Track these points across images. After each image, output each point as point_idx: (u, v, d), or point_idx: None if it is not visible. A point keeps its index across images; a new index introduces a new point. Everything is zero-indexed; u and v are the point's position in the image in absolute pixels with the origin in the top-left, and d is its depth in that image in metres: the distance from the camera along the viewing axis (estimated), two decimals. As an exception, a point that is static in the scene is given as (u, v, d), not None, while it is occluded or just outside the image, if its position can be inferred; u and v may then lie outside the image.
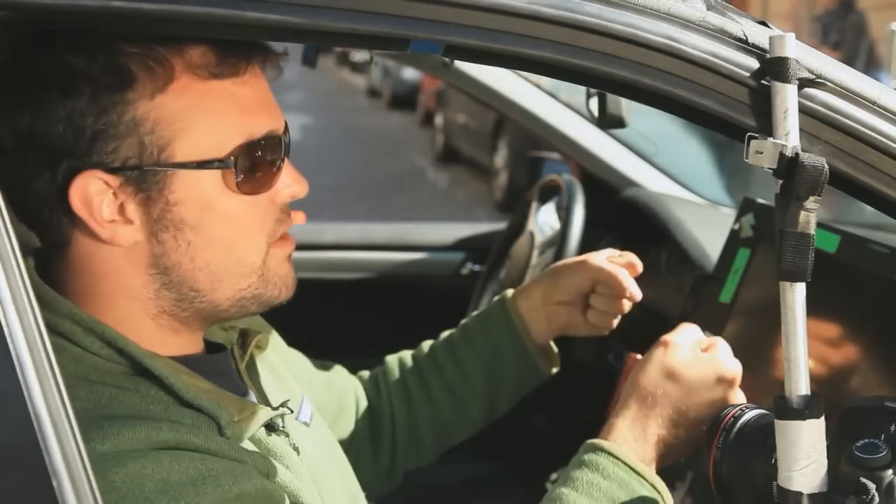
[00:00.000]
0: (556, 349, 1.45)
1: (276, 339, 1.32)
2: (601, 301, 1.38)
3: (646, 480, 1.05)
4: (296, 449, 1.07)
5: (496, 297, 1.45)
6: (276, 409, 1.07)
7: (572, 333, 1.42)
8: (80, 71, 0.91)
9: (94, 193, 0.93)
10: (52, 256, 1.01)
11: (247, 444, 1.00)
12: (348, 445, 1.40)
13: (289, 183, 1.03)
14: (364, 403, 1.45)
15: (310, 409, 1.21)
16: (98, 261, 0.98)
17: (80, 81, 0.91)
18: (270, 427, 1.04)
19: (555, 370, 1.45)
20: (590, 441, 1.09)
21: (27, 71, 0.93)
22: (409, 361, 1.47)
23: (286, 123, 1.05)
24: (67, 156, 0.92)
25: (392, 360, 1.49)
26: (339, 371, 1.47)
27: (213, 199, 0.97)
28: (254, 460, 0.97)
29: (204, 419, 0.96)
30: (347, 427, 1.42)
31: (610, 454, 1.06)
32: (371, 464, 1.43)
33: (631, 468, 1.05)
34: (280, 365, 1.25)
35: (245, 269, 1.01)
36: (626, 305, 1.38)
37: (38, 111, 0.92)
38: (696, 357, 1.13)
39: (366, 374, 1.50)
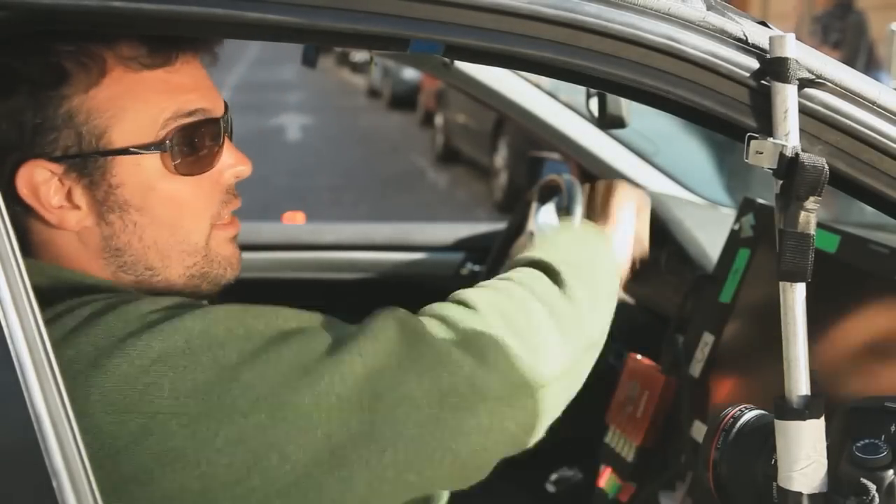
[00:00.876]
0: None
1: None
2: None
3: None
4: None
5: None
6: None
7: None
8: (18, 71, 0.97)
9: (39, 182, 0.99)
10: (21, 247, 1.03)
11: None
12: None
13: (231, 164, 1.07)
14: None
15: None
16: (55, 247, 1.03)
17: (19, 81, 0.97)
18: None
19: None
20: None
21: None
22: None
23: (226, 107, 1.09)
24: (13, 150, 0.99)
25: None
26: None
27: (154, 181, 1.02)
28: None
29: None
30: None
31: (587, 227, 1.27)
32: None
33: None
34: None
35: (189, 247, 1.05)
36: None
37: None
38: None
39: None
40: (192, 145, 1.03)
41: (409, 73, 14.13)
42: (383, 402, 0.93)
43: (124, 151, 1.00)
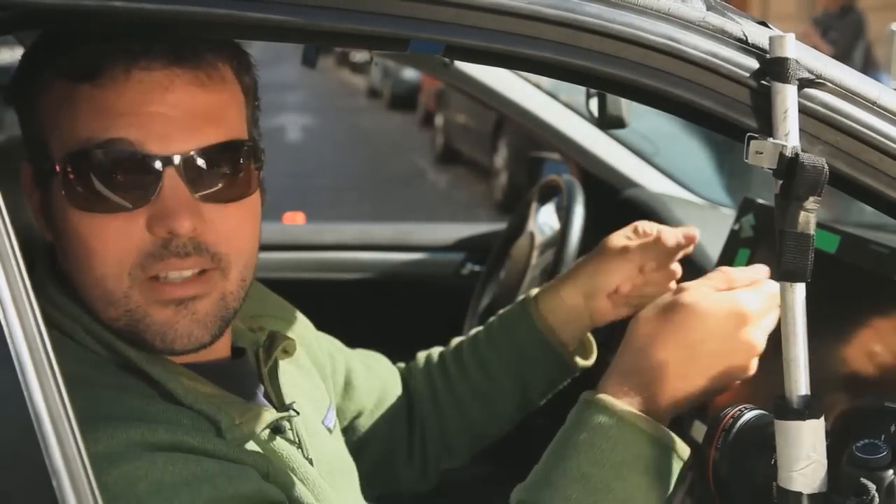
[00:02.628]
0: (592, 340, 1.44)
1: (307, 332, 1.31)
2: (657, 275, 1.37)
3: (645, 431, 0.96)
4: (305, 453, 1.06)
5: (521, 297, 1.45)
6: (283, 410, 1.06)
7: (620, 317, 1.39)
8: (28, 82, 0.98)
9: (29, 186, 1.00)
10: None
11: (250, 446, 0.99)
12: (385, 440, 1.40)
13: (159, 215, 0.91)
14: (403, 398, 1.44)
15: (334, 417, 1.21)
16: (62, 257, 1.00)
17: (26, 92, 0.98)
18: (277, 430, 1.03)
19: (590, 361, 1.43)
20: (585, 396, 1.00)
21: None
22: (436, 363, 1.46)
23: (208, 153, 0.93)
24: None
25: (421, 358, 1.48)
26: (380, 360, 1.46)
27: (63, 208, 0.94)
28: (254, 461, 0.96)
29: (203, 421, 0.95)
30: (386, 420, 1.41)
31: (606, 407, 0.97)
32: (406, 462, 1.43)
33: (637, 426, 0.96)
34: (311, 367, 1.24)
35: (106, 295, 0.94)
36: (677, 266, 1.38)
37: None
38: (705, 294, 1.01)
39: (402, 366, 1.49)
40: (90, 178, 0.90)
41: (409, 73, 14.12)
42: None
43: (39, 164, 0.96)
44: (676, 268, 1.39)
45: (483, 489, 2.09)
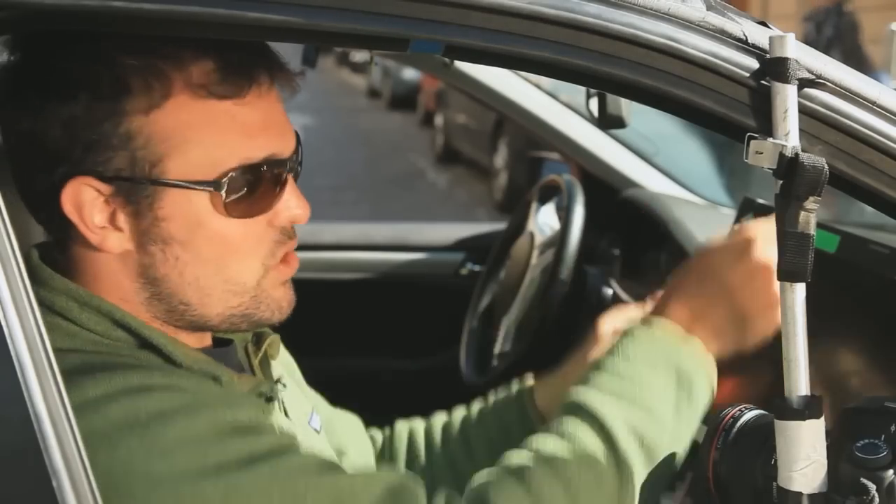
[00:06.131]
0: None
1: (289, 359, 1.31)
2: None
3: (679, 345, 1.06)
4: (292, 422, 1.09)
5: (515, 388, 1.39)
6: (274, 382, 1.09)
7: None
8: (78, 79, 0.92)
9: (85, 200, 0.95)
10: (57, 251, 1.02)
11: (247, 398, 1.02)
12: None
13: (290, 206, 1.01)
14: (368, 460, 1.39)
15: (320, 421, 1.21)
16: (92, 262, 0.99)
17: (78, 89, 0.92)
18: (269, 400, 1.06)
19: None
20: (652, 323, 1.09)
21: (31, 74, 0.95)
22: (420, 439, 1.41)
23: (298, 142, 1.03)
24: (63, 161, 0.94)
25: (402, 430, 1.42)
26: (348, 421, 1.40)
27: (204, 218, 0.96)
28: (249, 402, 1.00)
29: (199, 375, 0.98)
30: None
31: (645, 324, 1.08)
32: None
33: (665, 334, 1.06)
34: (294, 372, 1.25)
35: (236, 287, 1.00)
36: None
37: (39, 114, 0.93)
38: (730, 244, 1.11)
39: (378, 436, 1.44)
40: (250, 189, 0.97)
41: (409, 73, 14.13)
42: None
43: (177, 185, 0.95)
44: None
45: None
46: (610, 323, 1.37)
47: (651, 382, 1.04)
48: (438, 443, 1.40)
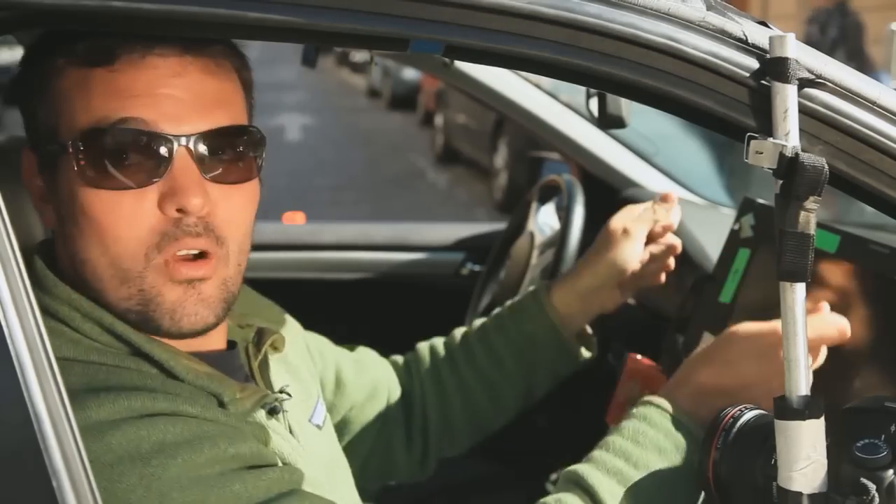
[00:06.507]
0: (591, 333, 1.48)
1: (294, 331, 1.31)
2: (657, 250, 1.45)
3: (691, 432, 1.07)
4: (298, 442, 1.08)
5: (531, 288, 1.47)
6: (277, 393, 1.08)
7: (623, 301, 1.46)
8: (39, 70, 0.99)
9: (30, 174, 1.01)
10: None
11: (250, 419, 1.01)
12: (380, 430, 1.41)
13: (170, 192, 0.95)
14: (397, 389, 1.45)
15: (323, 412, 1.21)
16: (61, 244, 1.01)
17: (36, 81, 0.99)
18: (273, 412, 1.05)
19: (592, 353, 1.47)
20: (646, 397, 1.12)
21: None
22: (440, 348, 1.48)
23: (225, 135, 0.98)
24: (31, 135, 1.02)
25: (423, 346, 1.49)
26: (369, 354, 1.47)
27: (74, 187, 0.96)
28: (252, 429, 0.99)
29: (204, 395, 0.98)
30: (379, 411, 1.42)
31: (658, 406, 1.09)
32: (405, 451, 1.44)
33: (678, 419, 1.08)
34: (299, 365, 1.25)
35: (121, 273, 0.96)
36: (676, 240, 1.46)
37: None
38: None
39: (399, 358, 1.50)
40: (104, 155, 0.93)
41: (409, 73, 14.13)
42: None
43: (51, 147, 0.97)
44: (675, 241, 1.45)
45: (483, 489, 2.09)
46: (620, 221, 1.43)
47: (657, 469, 1.06)
48: (462, 356, 1.44)
